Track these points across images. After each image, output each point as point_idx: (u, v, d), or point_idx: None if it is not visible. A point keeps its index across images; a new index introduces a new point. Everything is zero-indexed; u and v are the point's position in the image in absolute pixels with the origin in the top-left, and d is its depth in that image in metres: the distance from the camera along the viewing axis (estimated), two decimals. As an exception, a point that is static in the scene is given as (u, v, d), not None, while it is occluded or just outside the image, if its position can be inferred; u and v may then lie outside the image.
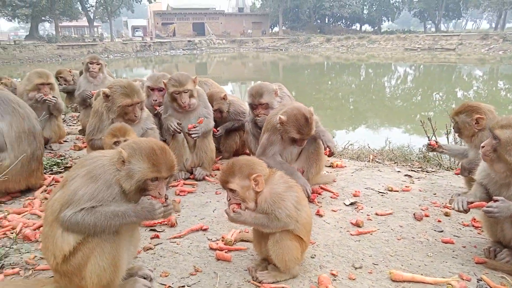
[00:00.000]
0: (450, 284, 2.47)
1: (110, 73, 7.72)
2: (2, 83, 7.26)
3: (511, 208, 2.46)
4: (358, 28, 72.14)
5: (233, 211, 2.47)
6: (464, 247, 3.03)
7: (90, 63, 6.24)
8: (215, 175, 4.82)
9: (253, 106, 4.71)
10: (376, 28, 69.51)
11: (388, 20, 72.42)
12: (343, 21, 72.66)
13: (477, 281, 2.53)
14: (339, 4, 63.35)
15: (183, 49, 53.94)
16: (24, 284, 2.51)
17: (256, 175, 2.41)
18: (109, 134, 3.64)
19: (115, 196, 2.22)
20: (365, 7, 67.82)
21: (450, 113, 3.78)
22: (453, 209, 2.77)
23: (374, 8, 66.60)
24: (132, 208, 2.22)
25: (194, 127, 4.49)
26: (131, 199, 2.28)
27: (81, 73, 6.92)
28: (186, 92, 4.49)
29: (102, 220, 2.14)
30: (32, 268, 2.81)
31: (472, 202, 2.66)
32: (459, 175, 3.92)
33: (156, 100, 4.95)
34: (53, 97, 5.57)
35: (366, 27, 73.14)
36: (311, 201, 3.81)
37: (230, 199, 2.52)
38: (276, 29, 71.59)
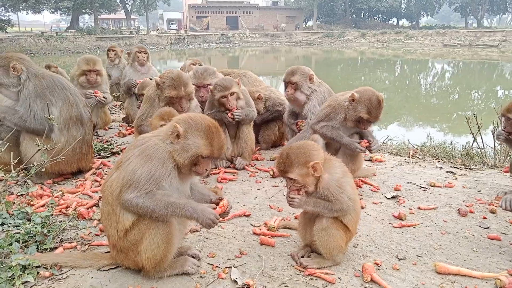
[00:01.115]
0: (498, 279, 2.44)
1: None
2: (51, 70, 7.65)
3: None
4: (395, 23, 70.16)
5: (295, 198, 2.55)
6: (512, 244, 2.97)
7: (139, 52, 6.52)
8: (255, 164, 4.91)
9: (285, 84, 4.82)
10: (414, 23, 67.35)
11: (427, 15, 69.93)
12: (380, 15, 70.88)
13: (527, 278, 2.49)
14: (376, -2, 61.83)
15: (216, 43, 54.38)
16: (83, 257, 2.69)
17: (314, 163, 2.46)
18: (157, 116, 3.76)
19: (170, 172, 2.34)
20: (403, 1, 65.76)
21: (500, 111, 3.64)
22: (501, 207, 2.73)
23: (413, 3, 64.51)
24: (192, 206, 2.34)
25: (237, 109, 4.58)
26: (184, 173, 2.41)
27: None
28: (232, 95, 4.59)
29: (161, 209, 2.27)
30: (88, 243, 3.00)
31: None
32: (507, 173, 3.82)
33: (202, 96, 5.04)
34: (103, 97, 5.84)
35: (404, 22, 71.03)
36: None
37: (290, 186, 2.59)
38: (310, 23, 70.84)
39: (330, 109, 3.99)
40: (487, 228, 3.22)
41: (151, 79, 6.20)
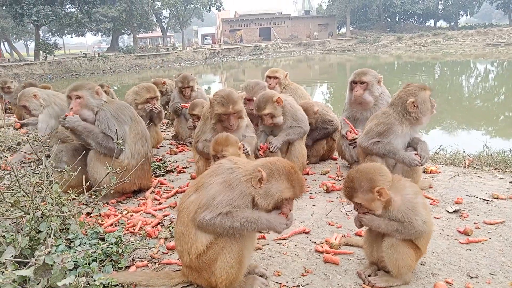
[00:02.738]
0: None
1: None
2: (104, 91, 8.10)
3: None
4: (432, 25, 68.11)
5: (366, 216, 2.59)
6: None
7: (182, 88, 6.67)
8: (306, 179, 4.94)
9: (351, 85, 4.86)
10: (452, 23, 65.10)
11: (466, 15, 67.34)
12: (416, 17, 69.10)
13: None
14: (411, 0, 60.35)
15: (250, 55, 55.10)
16: (155, 276, 2.82)
17: (379, 188, 2.47)
18: (211, 146, 3.81)
19: (247, 205, 2.45)
20: (440, 2, 63.80)
21: None
22: None
23: (451, 3, 62.42)
24: (266, 217, 2.43)
25: (265, 151, 4.62)
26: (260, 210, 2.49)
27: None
28: (266, 115, 4.69)
29: (237, 225, 2.37)
30: (158, 261, 3.14)
31: None
32: None
33: (252, 109, 5.17)
34: (160, 105, 6.22)
35: (441, 23, 68.81)
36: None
37: (357, 208, 2.63)
38: (343, 30, 70.26)
39: (384, 127, 3.95)
40: None
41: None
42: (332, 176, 4.98)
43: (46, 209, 3.21)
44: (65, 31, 52.96)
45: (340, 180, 4.83)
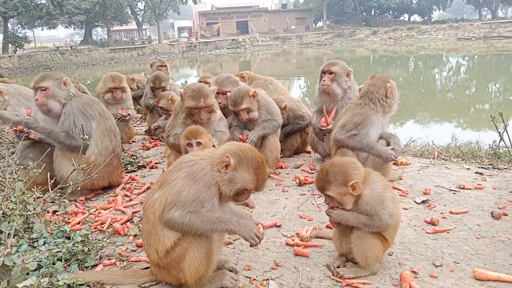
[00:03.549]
0: (541, 284, 2.42)
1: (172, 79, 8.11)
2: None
3: None
4: (406, 19, 69.31)
5: (334, 211, 2.62)
6: (551, 247, 2.93)
7: (154, 88, 6.55)
8: (279, 173, 4.95)
9: (321, 75, 4.91)
10: (426, 18, 66.44)
11: (439, 9, 68.83)
12: (390, 12, 70.13)
13: None
14: (386, -5, 61.28)
15: (227, 48, 54.74)
16: (123, 274, 2.76)
17: (354, 182, 2.49)
18: (183, 136, 3.76)
19: (213, 196, 2.41)
20: (414, -4, 65.05)
21: None
22: None
23: (424, -3, 63.74)
24: (236, 220, 2.41)
25: (244, 140, 4.59)
26: (224, 198, 2.48)
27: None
28: (243, 110, 4.65)
29: (206, 224, 2.34)
30: (126, 259, 3.08)
31: None
32: None
33: (221, 102, 5.13)
34: (128, 114, 5.98)
35: (415, 17, 70.13)
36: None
37: (328, 202, 2.64)
38: (320, 24, 70.66)
39: (361, 117, 3.97)
40: (523, 230, 3.18)
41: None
42: (305, 169, 5.00)
43: (8, 208, 3.10)
44: (36, 24, 51.15)
45: (313, 173, 4.86)
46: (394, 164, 4.98)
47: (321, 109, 4.87)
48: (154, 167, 5.39)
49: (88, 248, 3.03)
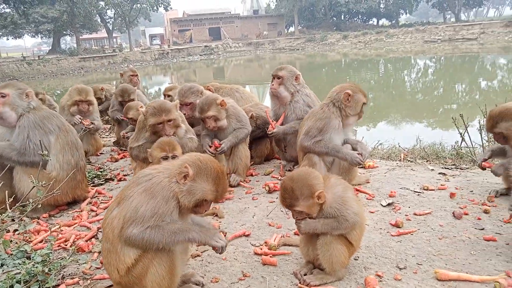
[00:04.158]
0: (497, 282, 2.50)
1: (143, 91, 8.01)
2: (39, 98, 7.61)
3: None
4: (375, 23, 71.10)
5: (302, 222, 2.63)
6: (508, 244, 3.03)
7: (123, 101, 6.35)
8: (249, 180, 4.94)
9: (272, 79, 4.99)
10: (393, 21, 68.31)
11: (406, 13, 70.94)
12: (360, 16, 71.75)
13: (525, 279, 2.55)
14: (355, 0, 62.63)
15: (200, 55, 54.52)
16: (86, 293, 2.68)
17: (319, 192, 2.52)
18: (158, 147, 3.70)
19: (173, 209, 2.37)
20: (381, 1, 66.77)
21: (486, 129, 3.71)
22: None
23: (391, 2, 65.47)
24: (198, 229, 2.39)
25: (216, 148, 4.60)
26: (184, 211, 2.44)
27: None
28: (209, 118, 4.62)
29: (168, 236, 2.29)
30: (90, 277, 2.99)
31: None
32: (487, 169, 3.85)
33: (185, 114, 5.09)
34: (91, 123, 5.82)
35: (384, 21, 72.02)
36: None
37: (296, 216, 2.65)
38: (292, 29, 71.40)
39: (323, 122, 4.04)
40: (482, 229, 3.28)
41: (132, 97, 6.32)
42: (275, 176, 5.02)
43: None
44: (0, 33, 49.37)
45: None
46: (362, 167, 5.07)
47: (277, 112, 4.96)
48: (122, 179, 5.27)
49: (49, 268, 2.92)
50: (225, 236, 2.64)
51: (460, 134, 5.32)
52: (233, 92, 6.00)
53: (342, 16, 70.90)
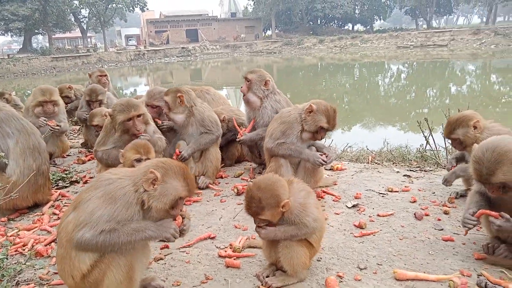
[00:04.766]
0: (452, 280, 2.57)
1: (114, 92, 7.84)
2: (4, 98, 7.36)
3: None
4: (350, 28, 72.45)
5: (263, 229, 2.62)
6: (464, 244, 3.13)
7: (90, 102, 6.26)
8: (219, 183, 4.92)
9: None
10: (368, 27, 69.90)
11: (380, 19, 72.72)
12: (335, 21, 72.95)
13: (478, 277, 2.63)
14: (330, 5, 63.61)
15: (177, 56, 54.04)
16: (41, 299, 2.59)
17: (285, 202, 2.52)
18: (132, 149, 3.60)
19: (133, 215, 2.32)
20: (356, 7, 68.15)
21: (444, 134, 3.85)
22: (466, 227, 2.82)
23: (366, 8, 66.96)
24: (153, 225, 2.34)
25: (178, 155, 4.56)
26: (151, 218, 2.39)
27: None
28: (165, 104, 4.66)
29: (124, 237, 2.25)
30: (47, 283, 2.89)
31: (475, 213, 2.76)
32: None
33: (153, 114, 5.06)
34: (57, 125, 5.64)
35: (359, 26, 73.51)
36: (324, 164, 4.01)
37: (258, 222, 2.64)
38: (269, 32, 71.81)
39: (285, 125, 4.08)
40: (442, 229, 3.38)
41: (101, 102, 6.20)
42: (245, 178, 5.01)
43: None
44: (-33, 31, 47.58)
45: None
46: (330, 169, 5.14)
47: (249, 116, 4.98)
48: (88, 182, 5.14)
49: (2, 274, 2.81)
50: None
51: (425, 137, 5.47)
52: (203, 93, 5.97)
53: (319, 21, 71.89)
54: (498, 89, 23.19)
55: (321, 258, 3.03)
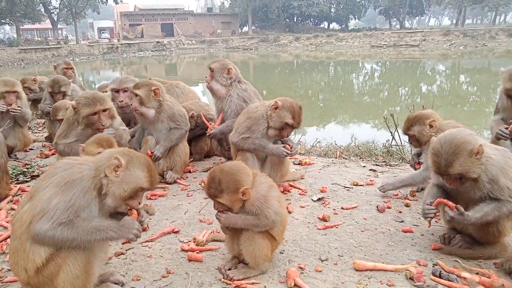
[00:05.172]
0: (408, 270, 2.64)
1: (81, 85, 7.63)
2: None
3: (467, 218, 2.68)
4: (326, 26, 73.22)
5: (223, 214, 2.62)
6: (422, 235, 3.22)
7: (53, 93, 6.05)
8: (187, 177, 4.87)
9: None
10: (343, 26, 70.82)
11: (355, 18, 73.88)
12: (311, 19, 73.55)
13: (433, 266, 2.72)
14: (307, 3, 64.09)
15: (151, 50, 53.10)
16: (-8, 296, 2.49)
17: (244, 189, 2.52)
18: (95, 142, 3.52)
19: (91, 202, 2.26)
20: (332, 6, 68.94)
21: (402, 130, 3.96)
22: (427, 219, 2.90)
23: (341, 7, 67.78)
24: (115, 225, 2.29)
25: (151, 155, 4.46)
26: (106, 207, 2.34)
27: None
28: (136, 96, 4.47)
29: (83, 236, 2.18)
30: (0, 280, 2.78)
31: (432, 203, 2.84)
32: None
33: (122, 101, 4.94)
34: (18, 106, 5.44)
35: (334, 25, 74.37)
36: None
37: (217, 207, 2.63)
38: (245, 28, 71.66)
39: (251, 121, 4.07)
40: (402, 221, 3.47)
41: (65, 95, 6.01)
42: (213, 173, 4.97)
43: None
44: None
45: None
46: (298, 164, 5.18)
47: (217, 106, 4.96)
48: (51, 176, 4.97)
49: (-48, 271, 2.68)
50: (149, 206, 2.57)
51: (391, 133, 5.59)
52: (173, 87, 5.88)
53: (295, 18, 72.31)
54: (466, 88, 24.00)
55: (283, 251, 3.04)
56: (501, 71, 3.88)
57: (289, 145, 4.04)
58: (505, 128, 3.71)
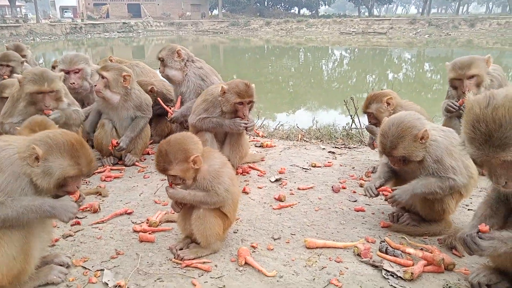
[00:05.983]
0: (356, 247, 2.71)
1: (34, 61, 7.22)
2: None
3: (407, 191, 2.78)
4: (296, 12, 73.14)
5: (172, 188, 2.58)
6: (373, 213, 3.31)
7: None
8: (145, 159, 4.77)
9: None
10: (313, 12, 70.97)
11: (325, 4, 74.17)
12: (282, 4, 73.20)
13: (380, 243, 2.80)
14: (277, -12, 63.68)
15: (118, 32, 51.28)
16: None
17: (195, 157, 2.47)
18: (26, 127, 3.34)
19: (24, 187, 2.15)
20: (303, -9, 68.89)
21: (361, 109, 4.04)
22: (366, 196, 3.01)
23: (312, -8, 67.91)
24: (50, 204, 2.19)
25: (115, 146, 4.39)
26: (43, 191, 2.23)
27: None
28: (103, 78, 4.30)
29: (13, 215, 2.08)
30: None
31: (380, 186, 2.98)
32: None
33: (74, 83, 4.73)
34: None
35: (304, 11, 74.41)
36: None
37: (171, 180, 2.58)
38: (215, 11, 70.42)
39: (208, 104, 4.03)
40: (355, 201, 3.54)
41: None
42: (172, 155, 4.89)
43: None
44: None
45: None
46: (260, 146, 5.18)
47: (177, 91, 4.88)
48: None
49: None
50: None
51: (351, 116, 5.68)
52: (133, 67, 5.69)
53: (266, 3, 71.73)
54: (430, 77, 24.73)
55: (237, 230, 3.05)
56: (446, 65, 4.04)
57: (246, 119, 4.00)
58: (455, 102, 3.90)
